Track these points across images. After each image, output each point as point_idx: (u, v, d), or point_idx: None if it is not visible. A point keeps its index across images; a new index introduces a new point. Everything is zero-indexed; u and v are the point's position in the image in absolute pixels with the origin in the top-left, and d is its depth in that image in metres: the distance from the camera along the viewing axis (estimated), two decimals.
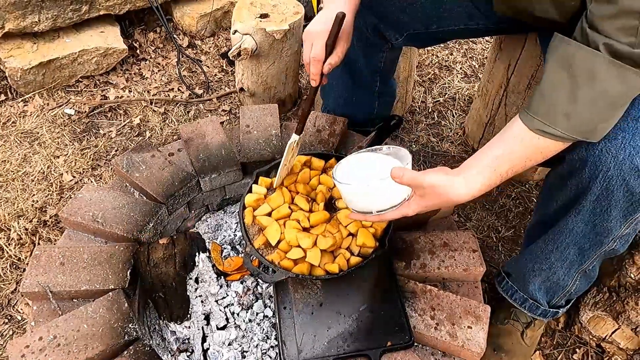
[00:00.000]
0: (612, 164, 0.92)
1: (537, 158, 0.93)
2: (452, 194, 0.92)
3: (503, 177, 0.93)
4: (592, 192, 0.97)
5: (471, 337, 1.10)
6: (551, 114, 0.88)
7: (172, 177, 1.41)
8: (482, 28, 1.35)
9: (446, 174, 0.93)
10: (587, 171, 0.95)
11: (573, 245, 1.10)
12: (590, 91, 0.85)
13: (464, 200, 0.94)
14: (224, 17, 2.53)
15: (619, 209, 0.97)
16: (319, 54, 1.09)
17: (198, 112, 2.14)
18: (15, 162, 1.87)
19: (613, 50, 0.83)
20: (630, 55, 0.81)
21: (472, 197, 0.94)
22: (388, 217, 1.02)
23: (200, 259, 1.28)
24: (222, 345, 1.22)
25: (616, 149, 0.91)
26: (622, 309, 1.32)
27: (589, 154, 0.94)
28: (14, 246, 1.62)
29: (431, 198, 0.95)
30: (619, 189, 0.93)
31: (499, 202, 1.81)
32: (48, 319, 1.13)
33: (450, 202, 0.95)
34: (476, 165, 0.94)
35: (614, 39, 0.82)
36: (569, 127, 0.88)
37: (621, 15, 0.80)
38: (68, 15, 2.12)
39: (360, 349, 1.09)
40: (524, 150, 0.92)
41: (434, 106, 2.21)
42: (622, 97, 0.87)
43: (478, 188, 0.93)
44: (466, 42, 2.55)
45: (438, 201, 0.95)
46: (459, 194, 0.92)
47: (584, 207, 1.01)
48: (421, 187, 0.94)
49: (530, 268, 1.22)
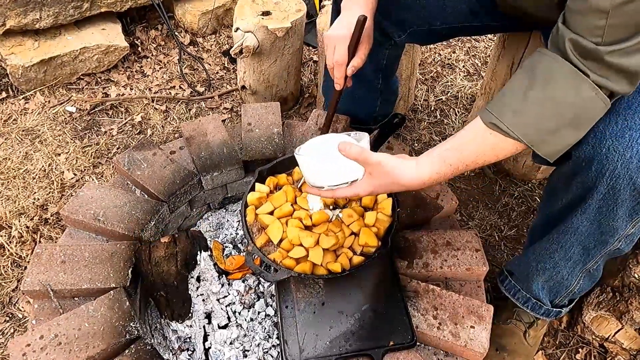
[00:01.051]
0: (619, 162, 0.91)
1: (489, 155, 0.94)
2: (400, 175, 0.94)
3: (454, 169, 0.94)
4: (599, 190, 0.96)
5: (474, 337, 1.10)
6: (502, 109, 0.90)
7: (173, 175, 1.41)
8: (485, 26, 1.35)
9: (397, 157, 0.96)
10: (594, 169, 0.94)
11: (578, 244, 1.09)
12: (541, 92, 0.87)
13: (415, 186, 0.95)
14: (226, 14, 2.52)
15: (625, 208, 0.96)
16: (342, 58, 1.11)
17: (199, 110, 2.14)
18: (16, 160, 1.87)
19: (578, 46, 0.83)
20: (595, 52, 0.81)
21: (422, 184, 0.95)
22: (340, 193, 1.02)
23: (201, 257, 1.27)
24: (223, 344, 1.22)
25: (623, 147, 0.90)
26: (625, 309, 1.31)
27: (596, 152, 0.93)
28: (15, 244, 1.62)
29: (379, 177, 0.96)
30: (626, 187, 0.92)
31: (501, 201, 1.80)
32: (49, 317, 1.13)
33: (399, 185, 0.96)
34: (429, 153, 0.96)
35: (581, 35, 0.82)
36: (514, 124, 0.89)
37: (589, 12, 0.80)
38: (69, 12, 2.11)
39: (363, 349, 1.08)
40: (476, 144, 0.94)
41: (436, 104, 2.20)
42: (571, 108, 0.87)
43: (427, 175, 0.94)
44: (469, 40, 2.54)
45: (386, 180, 0.96)
46: (407, 176, 0.94)
47: (590, 205, 1.00)
48: (369, 164, 0.96)
49: (534, 267, 1.22)
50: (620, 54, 0.81)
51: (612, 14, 0.77)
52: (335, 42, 1.11)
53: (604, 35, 0.80)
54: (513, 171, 1.87)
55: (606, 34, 0.80)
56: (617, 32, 0.79)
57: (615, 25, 0.79)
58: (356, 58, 1.12)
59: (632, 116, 0.91)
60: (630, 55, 0.81)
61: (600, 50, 0.81)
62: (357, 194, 1.01)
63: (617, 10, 0.77)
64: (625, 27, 0.79)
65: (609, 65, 0.82)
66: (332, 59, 1.13)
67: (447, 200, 1.38)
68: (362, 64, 1.14)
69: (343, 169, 1.00)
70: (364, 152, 0.95)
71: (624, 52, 0.80)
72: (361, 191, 1.00)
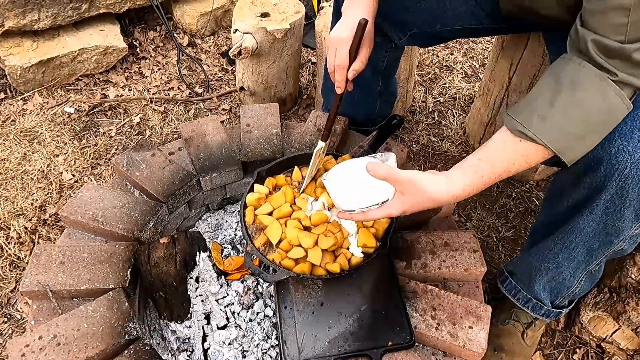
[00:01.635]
0: (628, 162, 0.91)
1: (521, 163, 0.92)
2: (431, 191, 0.92)
3: (486, 180, 0.93)
4: (607, 191, 0.96)
5: (472, 337, 1.10)
6: (529, 116, 0.89)
7: (172, 176, 1.41)
8: (485, 28, 1.35)
9: (426, 173, 0.94)
10: (603, 170, 0.94)
11: (582, 245, 1.09)
12: (568, 98, 0.86)
13: (447, 201, 0.93)
14: (224, 15, 2.53)
15: (633, 209, 0.96)
16: (344, 61, 1.10)
17: (198, 111, 2.14)
18: (14, 161, 1.87)
19: (602, 46, 0.83)
20: (621, 51, 0.81)
21: (454, 198, 0.93)
22: (371, 215, 1.01)
23: (200, 258, 1.28)
24: (222, 344, 1.22)
25: (633, 147, 0.90)
26: (622, 310, 1.32)
27: (605, 153, 0.93)
28: (13, 245, 1.62)
29: (411, 195, 0.94)
30: (634, 187, 0.92)
31: (499, 202, 1.81)
32: (48, 318, 1.13)
33: (431, 201, 0.93)
34: (460, 166, 0.94)
35: (603, 35, 0.82)
36: (541, 130, 0.88)
37: (609, 11, 0.80)
38: (68, 13, 2.11)
39: (361, 349, 1.08)
40: (506, 154, 0.92)
41: (434, 106, 2.20)
42: (598, 115, 0.87)
43: (461, 188, 0.92)
44: (467, 41, 2.55)
45: (419, 199, 0.94)
46: (439, 191, 0.92)
47: (597, 206, 1.00)
48: (399, 183, 0.94)
49: (537, 267, 1.22)
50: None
51: (634, 10, 0.77)
52: (337, 45, 1.11)
53: (628, 32, 0.79)
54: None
55: (630, 31, 0.79)
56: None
57: (638, 22, 0.78)
58: (357, 61, 1.12)
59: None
60: None
61: (626, 48, 0.80)
62: (389, 214, 0.99)
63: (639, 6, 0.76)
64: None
65: (637, 62, 0.81)
66: (333, 62, 1.12)
67: None
68: (364, 67, 1.13)
69: (373, 191, 0.99)
70: (393, 171, 0.93)
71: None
72: (393, 211, 0.98)
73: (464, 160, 0.95)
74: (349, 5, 1.16)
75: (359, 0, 1.14)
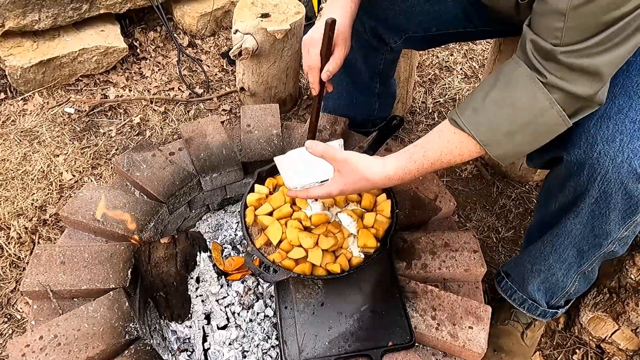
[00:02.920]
0: (610, 166, 0.91)
1: (454, 153, 0.95)
2: (367, 171, 0.97)
3: (419, 166, 0.97)
4: (591, 194, 0.97)
5: (472, 338, 1.10)
6: (464, 107, 0.93)
7: (172, 177, 1.41)
8: (480, 31, 1.36)
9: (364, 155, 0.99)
10: (585, 174, 0.95)
11: (572, 247, 1.10)
12: (500, 93, 0.90)
13: (381, 181, 0.98)
14: (225, 16, 2.53)
15: (618, 212, 0.97)
16: (314, 62, 1.11)
17: (198, 111, 2.14)
18: (15, 161, 1.87)
19: (538, 47, 0.85)
20: (553, 53, 0.82)
21: (387, 179, 0.98)
22: (312, 193, 1.05)
23: (201, 258, 1.28)
24: (222, 344, 1.22)
25: (614, 151, 0.91)
26: (622, 310, 1.32)
27: (587, 157, 0.94)
28: (13, 245, 1.62)
29: (347, 174, 0.98)
30: (617, 192, 0.93)
31: (499, 203, 1.81)
32: (48, 318, 1.13)
33: (366, 181, 0.98)
34: (398, 152, 1.00)
35: (541, 36, 0.84)
36: (471, 121, 0.91)
37: (548, 14, 0.81)
38: (68, 13, 2.11)
39: (362, 349, 1.09)
40: (440, 142, 0.96)
41: (434, 107, 2.21)
42: (525, 114, 0.88)
43: (393, 170, 0.97)
44: (466, 42, 2.56)
45: (354, 178, 0.98)
46: (374, 172, 0.97)
47: (582, 209, 1.01)
48: (335, 161, 0.98)
49: (529, 269, 1.23)
50: (576, 55, 0.81)
51: (570, 16, 0.78)
52: (309, 46, 1.11)
53: (563, 36, 0.81)
54: (510, 173, 1.88)
55: (564, 36, 0.81)
56: (574, 33, 0.80)
57: (572, 27, 0.79)
58: (331, 62, 1.10)
59: (623, 120, 0.91)
60: (589, 57, 0.81)
61: (556, 50, 0.82)
62: (329, 192, 1.03)
63: (574, 12, 0.77)
64: (582, 29, 0.79)
65: (566, 65, 0.83)
66: (306, 64, 1.12)
67: (445, 202, 1.39)
68: (338, 68, 1.12)
69: (313, 170, 1.04)
70: (330, 149, 0.98)
71: (580, 54, 0.81)
72: (332, 190, 1.02)
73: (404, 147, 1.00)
74: (327, 6, 1.17)
75: (337, 1, 1.14)
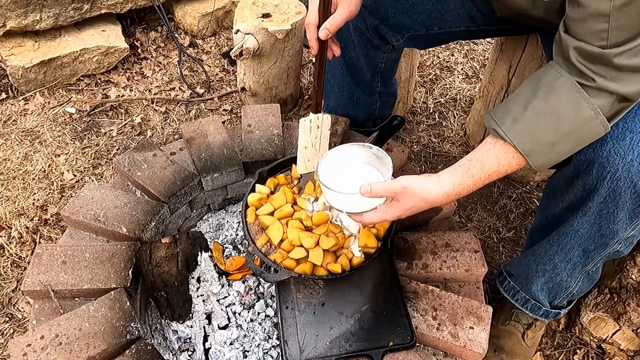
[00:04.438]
0: (620, 165, 0.91)
1: (511, 163, 0.94)
2: (424, 192, 0.94)
3: (476, 179, 0.95)
4: (599, 193, 0.97)
5: (473, 338, 1.10)
6: (503, 116, 0.92)
7: (174, 176, 1.41)
8: (483, 30, 1.36)
9: (417, 177, 0.96)
10: (595, 172, 0.95)
11: (578, 246, 1.10)
12: (542, 103, 0.88)
13: (439, 200, 0.95)
14: (225, 16, 2.53)
15: (626, 211, 0.96)
16: (311, 19, 1.04)
17: (199, 111, 2.14)
18: (16, 161, 1.87)
19: (584, 52, 0.84)
20: (602, 56, 0.82)
21: (446, 196, 0.95)
22: (367, 219, 1.02)
23: (202, 258, 1.28)
24: (223, 344, 1.22)
25: (624, 150, 0.90)
26: (623, 310, 1.32)
27: (597, 155, 0.94)
28: (14, 244, 1.62)
29: (406, 200, 0.96)
30: (627, 190, 0.93)
31: (500, 203, 1.81)
32: (50, 317, 1.13)
33: (425, 201, 0.95)
34: (451, 167, 0.97)
35: (585, 42, 0.83)
36: (511, 130, 0.90)
37: (589, 18, 0.81)
38: (69, 13, 2.12)
39: (363, 349, 1.09)
40: (494, 154, 0.94)
41: (435, 107, 2.21)
42: (569, 124, 0.87)
43: (451, 188, 0.94)
44: (467, 43, 2.56)
45: (412, 202, 0.96)
46: (431, 192, 0.94)
47: (590, 208, 1.00)
48: (395, 193, 0.96)
49: (534, 269, 1.22)
50: (629, 55, 0.80)
51: (614, 17, 0.78)
52: (311, 2, 1.06)
53: (609, 37, 0.80)
54: (511, 173, 1.88)
55: (610, 37, 0.80)
56: (621, 33, 0.79)
57: (618, 27, 0.79)
58: (329, 19, 1.03)
59: (633, 119, 0.91)
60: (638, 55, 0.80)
61: (607, 53, 0.81)
62: (384, 219, 1.01)
63: (618, 12, 0.77)
64: (629, 27, 0.79)
65: (619, 67, 0.82)
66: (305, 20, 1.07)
67: None
68: (336, 27, 1.04)
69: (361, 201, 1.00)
70: (388, 187, 0.95)
71: (630, 53, 0.80)
72: (388, 217, 1.00)
73: (457, 162, 0.97)
74: None
75: None
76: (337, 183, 1.03)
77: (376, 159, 1.08)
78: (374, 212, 1.01)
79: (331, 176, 1.05)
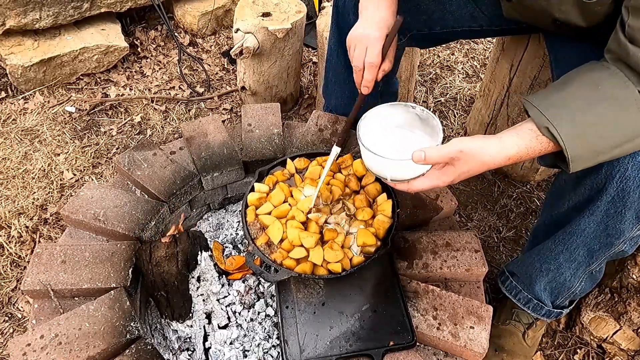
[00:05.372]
0: (629, 164, 0.91)
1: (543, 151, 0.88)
2: (484, 156, 0.87)
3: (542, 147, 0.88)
4: (608, 192, 0.96)
5: (473, 338, 1.10)
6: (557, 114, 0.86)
7: (173, 176, 1.41)
8: (485, 29, 1.35)
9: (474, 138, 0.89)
10: (604, 171, 0.94)
11: (583, 246, 1.09)
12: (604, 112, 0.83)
13: (498, 162, 0.88)
14: (225, 15, 2.53)
15: (634, 211, 0.96)
16: (376, 60, 1.04)
17: (199, 110, 2.14)
18: (15, 160, 1.87)
19: None
20: None
21: (507, 160, 0.88)
22: (416, 186, 0.96)
23: (202, 257, 1.28)
24: (223, 344, 1.22)
25: None
26: (623, 310, 1.32)
27: None
28: (14, 244, 1.62)
29: (462, 164, 0.90)
30: (636, 190, 0.92)
31: (500, 203, 1.81)
32: (49, 317, 1.13)
33: (483, 165, 0.89)
34: (515, 129, 0.89)
35: None
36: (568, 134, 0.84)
37: None
38: (69, 12, 2.11)
39: (363, 349, 1.08)
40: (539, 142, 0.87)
41: (435, 106, 2.20)
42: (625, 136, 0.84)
43: (515, 150, 0.87)
44: (468, 42, 2.56)
45: (469, 166, 0.89)
46: (491, 154, 0.87)
47: (598, 207, 1.00)
48: (450, 158, 0.90)
49: (537, 268, 1.22)
50: None
51: None
52: (367, 43, 1.05)
53: None
54: (511, 173, 1.87)
55: None
56: None
57: None
58: (386, 62, 1.06)
59: None
60: None
61: None
62: (436, 186, 0.94)
63: None
64: None
65: None
66: (360, 61, 1.06)
67: (446, 202, 1.38)
68: (391, 67, 1.08)
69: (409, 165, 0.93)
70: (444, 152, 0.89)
71: None
72: (441, 183, 0.93)
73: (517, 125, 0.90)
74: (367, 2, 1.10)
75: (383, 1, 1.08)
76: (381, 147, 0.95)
77: (419, 121, 1.02)
78: (423, 178, 0.95)
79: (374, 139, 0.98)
